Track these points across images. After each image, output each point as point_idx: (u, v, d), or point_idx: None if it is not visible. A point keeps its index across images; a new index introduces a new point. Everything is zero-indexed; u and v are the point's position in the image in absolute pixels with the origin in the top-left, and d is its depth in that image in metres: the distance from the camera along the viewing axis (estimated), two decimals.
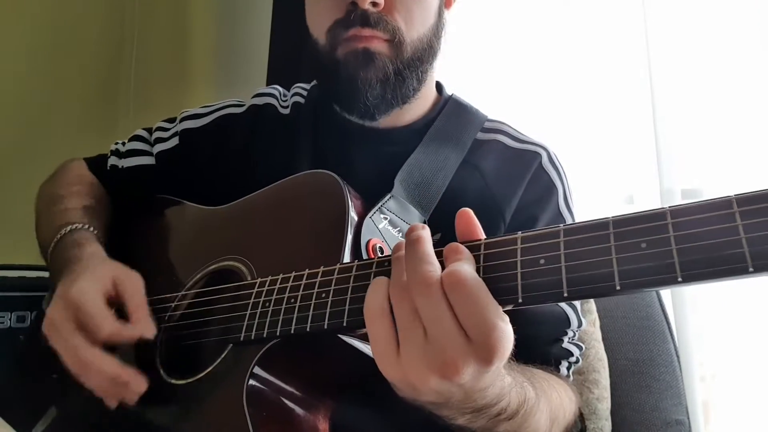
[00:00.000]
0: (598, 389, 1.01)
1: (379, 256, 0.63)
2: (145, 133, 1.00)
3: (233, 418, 0.59)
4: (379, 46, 0.79)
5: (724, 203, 0.41)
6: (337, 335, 0.58)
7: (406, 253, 0.49)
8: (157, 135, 0.98)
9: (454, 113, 0.90)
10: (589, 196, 1.29)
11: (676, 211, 0.42)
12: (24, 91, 1.84)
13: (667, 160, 1.23)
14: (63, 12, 1.94)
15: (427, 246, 0.48)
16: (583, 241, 0.45)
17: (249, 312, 0.62)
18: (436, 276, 0.46)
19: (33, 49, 1.86)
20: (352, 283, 0.55)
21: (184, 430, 0.66)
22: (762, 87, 1.15)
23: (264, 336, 0.59)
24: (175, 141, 0.96)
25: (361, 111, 0.83)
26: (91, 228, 0.82)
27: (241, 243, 0.74)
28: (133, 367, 0.66)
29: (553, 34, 1.40)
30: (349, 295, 0.54)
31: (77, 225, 0.81)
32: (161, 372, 0.69)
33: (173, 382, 0.68)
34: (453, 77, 1.44)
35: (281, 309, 0.59)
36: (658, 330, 1.04)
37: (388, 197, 0.74)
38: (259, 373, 0.60)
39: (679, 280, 0.40)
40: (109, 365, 0.65)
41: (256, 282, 0.64)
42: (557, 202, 0.84)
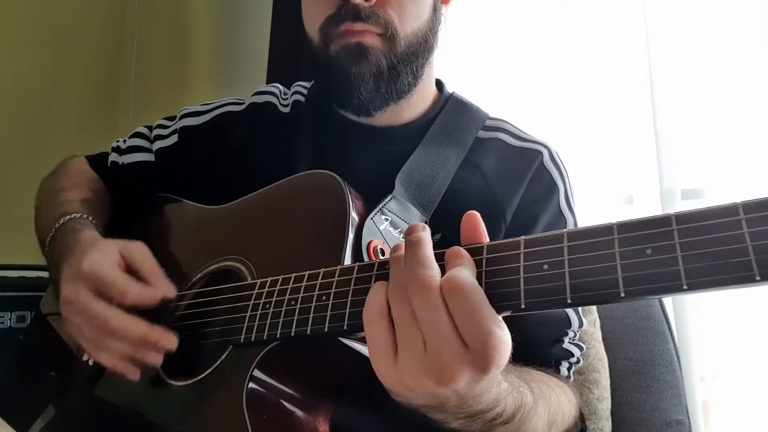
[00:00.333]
0: (598, 389, 1.01)
1: (381, 258, 0.63)
2: (145, 130, 1.00)
3: (233, 421, 0.58)
4: (371, 41, 0.78)
5: (730, 210, 0.40)
6: (338, 338, 0.57)
7: (406, 255, 0.48)
8: (157, 132, 0.98)
9: (454, 111, 0.90)
10: (589, 196, 1.29)
11: (682, 217, 0.42)
12: (24, 91, 1.83)
13: (667, 160, 1.23)
14: (63, 12, 1.93)
15: (426, 249, 0.48)
16: (587, 246, 0.45)
17: (249, 314, 0.62)
18: (436, 281, 0.46)
19: (33, 49, 1.86)
20: (353, 286, 0.54)
21: None
22: (762, 87, 1.15)
23: (264, 338, 0.59)
24: (174, 138, 0.96)
25: (355, 106, 0.82)
26: (89, 218, 0.82)
27: (241, 243, 0.74)
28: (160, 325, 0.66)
29: (553, 34, 1.40)
30: (350, 298, 0.54)
31: (75, 215, 0.81)
32: (161, 373, 0.69)
33: (173, 383, 0.67)
34: (454, 75, 1.45)
35: (282, 311, 0.58)
36: (658, 330, 1.04)
37: (389, 198, 0.73)
38: (259, 376, 0.60)
39: (685, 287, 0.40)
40: (139, 325, 0.65)
41: (257, 283, 0.64)
42: (558, 201, 0.84)
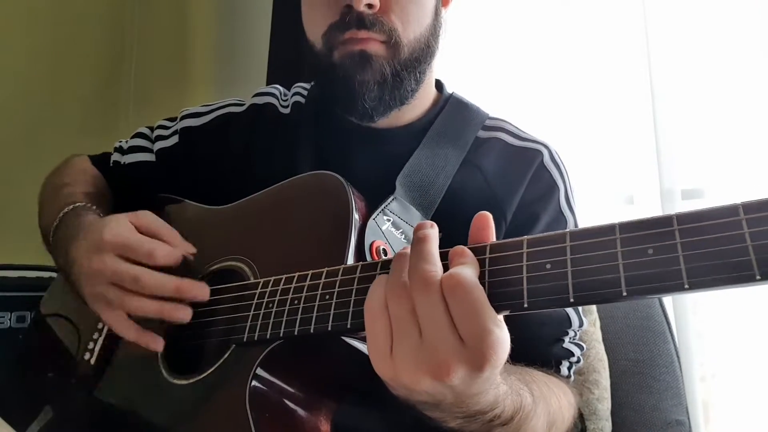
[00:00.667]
0: (598, 389, 1.01)
1: (383, 258, 0.63)
2: (147, 131, 1.00)
3: (235, 419, 0.58)
4: (375, 48, 0.78)
5: (730, 210, 0.40)
6: (341, 337, 0.58)
7: (411, 250, 0.48)
8: (158, 132, 0.99)
9: (454, 112, 0.90)
10: (590, 196, 1.29)
11: (683, 217, 0.42)
12: (24, 91, 1.84)
13: (667, 160, 1.23)
14: (63, 12, 1.94)
15: (432, 245, 0.48)
16: (590, 246, 0.45)
17: (252, 313, 0.62)
18: (437, 276, 0.46)
19: (33, 49, 1.86)
20: (356, 285, 0.55)
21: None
22: (762, 87, 1.15)
23: (267, 337, 0.59)
24: (175, 139, 0.96)
25: (359, 113, 0.82)
26: (93, 206, 0.82)
27: (243, 243, 0.74)
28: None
29: (553, 34, 1.41)
30: (353, 297, 0.54)
31: (79, 203, 0.82)
32: (163, 372, 0.69)
33: (175, 382, 0.68)
34: (453, 76, 1.45)
35: (285, 310, 0.59)
36: (658, 330, 1.04)
37: (390, 199, 0.73)
38: (261, 375, 0.60)
39: (686, 287, 0.40)
40: (171, 279, 0.67)
41: (259, 282, 0.64)
42: (558, 201, 0.84)
